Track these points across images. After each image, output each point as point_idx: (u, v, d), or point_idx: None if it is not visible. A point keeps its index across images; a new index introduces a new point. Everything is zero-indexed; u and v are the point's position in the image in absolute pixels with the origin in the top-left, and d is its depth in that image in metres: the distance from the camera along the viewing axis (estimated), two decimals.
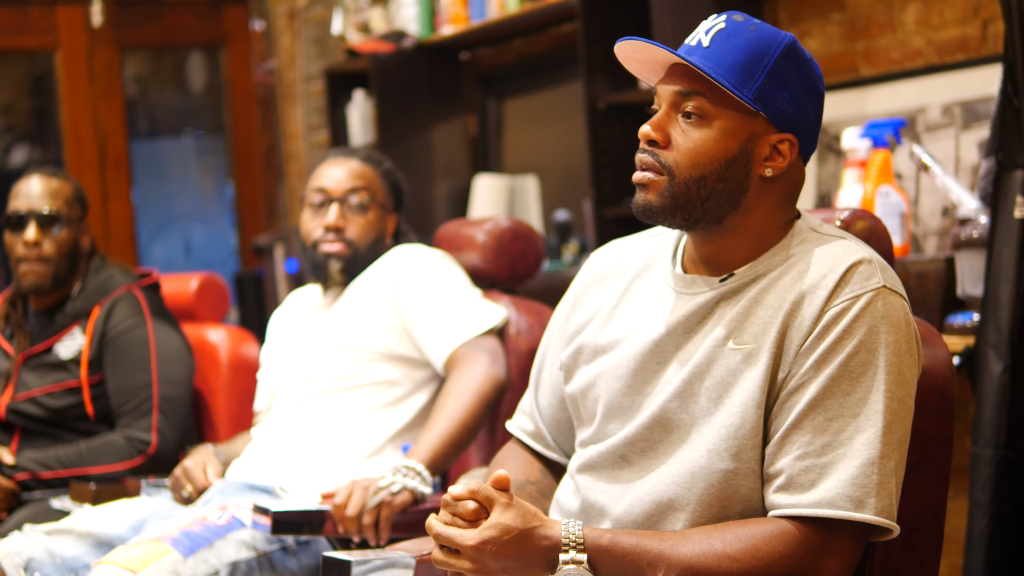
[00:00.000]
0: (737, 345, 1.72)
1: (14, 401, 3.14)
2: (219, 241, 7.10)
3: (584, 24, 4.23)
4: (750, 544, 1.65)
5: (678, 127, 1.74)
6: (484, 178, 5.05)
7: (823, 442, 1.66)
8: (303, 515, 2.42)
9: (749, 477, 1.71)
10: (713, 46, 1.73)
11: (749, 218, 1.76)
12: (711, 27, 1.75)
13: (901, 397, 1.68)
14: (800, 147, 1.76)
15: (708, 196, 1.74)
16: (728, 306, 1.75)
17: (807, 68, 1.75)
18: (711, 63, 1.72)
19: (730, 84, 1.70)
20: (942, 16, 3.41)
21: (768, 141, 1.74)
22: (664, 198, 1.74)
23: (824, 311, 1.68)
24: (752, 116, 1.73)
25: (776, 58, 1.72)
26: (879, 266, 1.71)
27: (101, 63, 6.52)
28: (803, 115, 1.75)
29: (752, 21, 1.75)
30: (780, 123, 1.74)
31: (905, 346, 1.69)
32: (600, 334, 1.88)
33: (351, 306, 2.78)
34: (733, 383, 1.72)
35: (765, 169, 1.74)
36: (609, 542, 1.67)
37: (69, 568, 2.58)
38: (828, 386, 1.67)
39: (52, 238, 3.15)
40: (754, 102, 1.71)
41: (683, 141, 1.74)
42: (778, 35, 1.74)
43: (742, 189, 1.74)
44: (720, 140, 1.73)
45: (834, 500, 1.64)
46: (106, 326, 3.14)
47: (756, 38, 1.73)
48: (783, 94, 1.72)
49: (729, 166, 1.73)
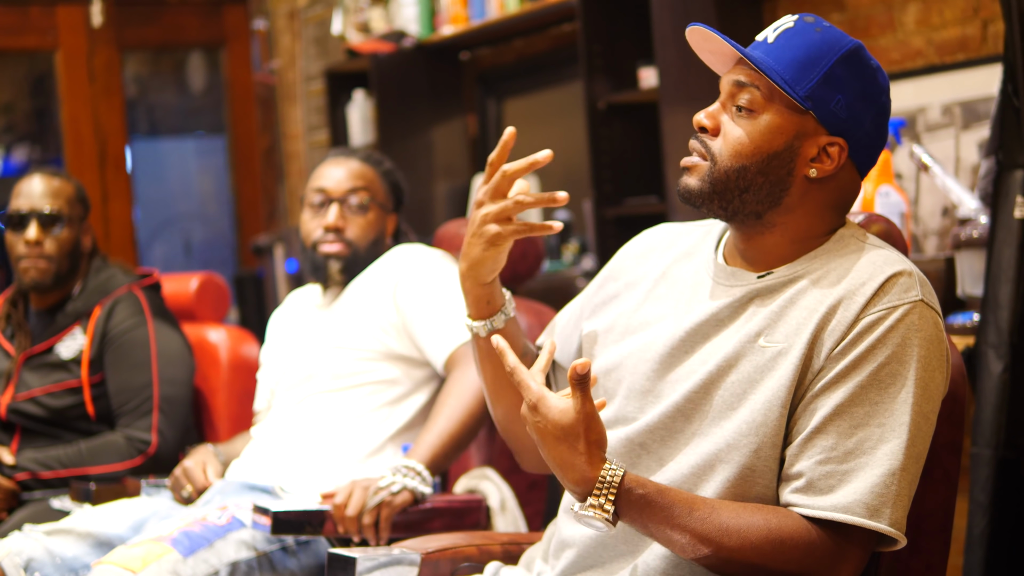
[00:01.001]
0: (768, 343, 1.72)
1: (15, 401, 3.14)
2: (219, 241, 7.10)
3: (584, 24, 4.23)
4: (775, 536, 1.66)
5: (729, 117, 1.76)
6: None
7: (846, 448, 1.66)
8: (303, 515, 2.42)
9: (765, 475, 1.71)
10: (777, 43, 1.74)
11: (790, 217, 1.76)
12: (780, 25, 1.77)
13: (926, 412, 1.68)
14: (852, 153, 1.75)
15: (747, 187, 1.74)
16: (763, 303, 1.75)
17: (870, 76, 1.75)
18: (771, 59, 1.73)
19: (783, 80, 1.72)
20: (942, 16, 3.41)
21: (817, 142, 1.74)
22: (703, 182, 1.76)
23: (860, 318, 1.68)
24: (802, 115, 1.73)
25: (835, 60, 1.72)
26: (919, 280, 1.71)
27: (101, 63, 6.52)
28: (857, 121, 1.74)
29: (821, 23, 1.76)
30: (832, 126, 1.73)
31: (936, 362, 1.69)
32: (634, 314, 1.88)
33: (351, 305, 2.78)
34: (759, 380, 1.72)
35: (810, 170, 1.74)
36: (639, 498, 1.65)
37: (69, 568, 2.58)
38: (856, 393, 1.67)
39: (53, 237, 3.15)
40: (805, 100, 1.72)
41: (730, 130, 1.75)
42: (843, 39, 1.75)
43: (784, 186, 1.75)
44: (765, 134, 1.73)
45: (850, 506, 1.64)
46: (107, 326, 3.14)
47: (820, 39, 1.74)
48: (837, 97, 1.72)
49: (772, 160, 1.74)
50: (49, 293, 3.20)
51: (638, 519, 1.66)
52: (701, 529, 1.66)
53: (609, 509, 1.64)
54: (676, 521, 1.66)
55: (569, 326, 2.00)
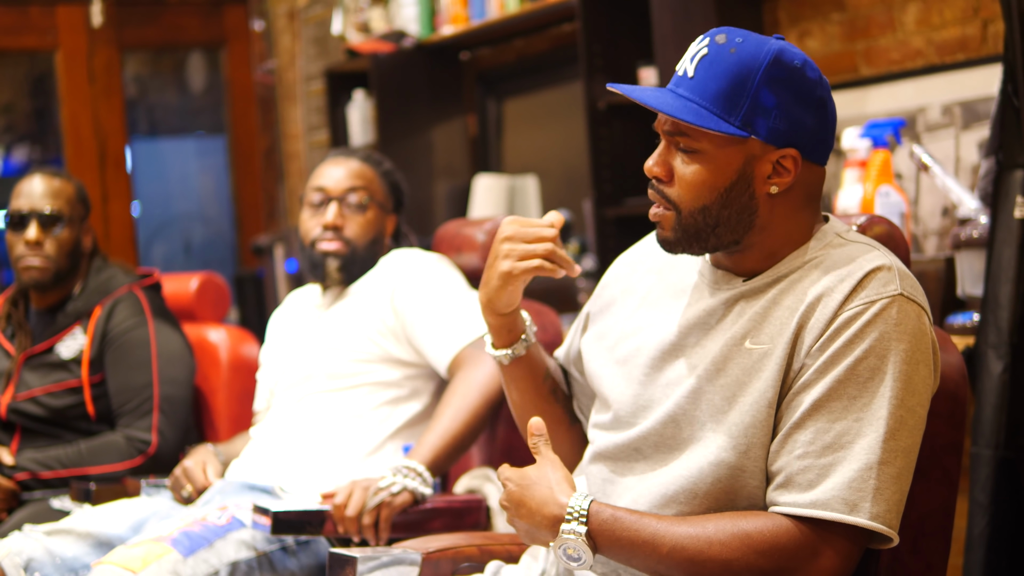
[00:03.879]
0: (753, 344, 1.73)
1: (15, 400, 3.14)
2: (219, 241, 7.10)
3: (584, 24, 4.23)
4: (742, 532, 1.67)
5: (678, 160, 1.75)
6: (484, 178, 5.05)
7: (824, 443, 1.66)
8: (303, 515, 2.42)
9: (756, 475, 1.71)
10: (697, 76, 1.72)
11: (766, 234, 1.76)
12: (695, 53, 1.74)
13: (911, 405, 1.67)
14: (806, 155, 1.74)
15: (716, 223, 1.74)
16: (748, 305, 1.76)
17: (798, 78, 1.72)
18: (696, 95, 1.71)
19: (714, 115, 1.70)
20: (942, 16, 3.41)
21: (768, 159, 1.73)
22: (676, 232, 1.76)
23: (838, 313, 1.68)
24: (745, 141, 1.72)
25: (758, 82, 1.70)
26: (899, 274, 1.71)
27: (101, 63, 6.52)
28: (800, 125, 1.73)
29: (734, 40, 1.73)
30: (776, 140, 1.72)
31: (919, 355, 1.69)
32: (628, 321, 1.89)
33: (349, 310, 2.78)
34: (747, 382, 1.72)
35: (770, 187, 1.74)
36: (610, 516, 1.71)
37: (69, 568, 2.58)
38: (834, 388, 1.67)
39: (53, 238, 3.14)
40: (742, 129, 1.70)
41: (684, 174, 1.74)
42: (759, 54, 1.71)
43: (750, 210, 1.74)
44: (715, 171, 1.73)
45: (828, 502, 1.64)
46: (107, 326, 3.14)
47: (736, 62, 1.71)
48: (773, 113, 1.71)
49: (730, 192, 1.73)
50: (49, 293, 3.20)
51: (612, 538, 1.70)
52: (669, 535, 1.68)
53: (581, 531, 1.69)
54: (645, 533, 1.69)
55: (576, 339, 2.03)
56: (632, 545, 1.70)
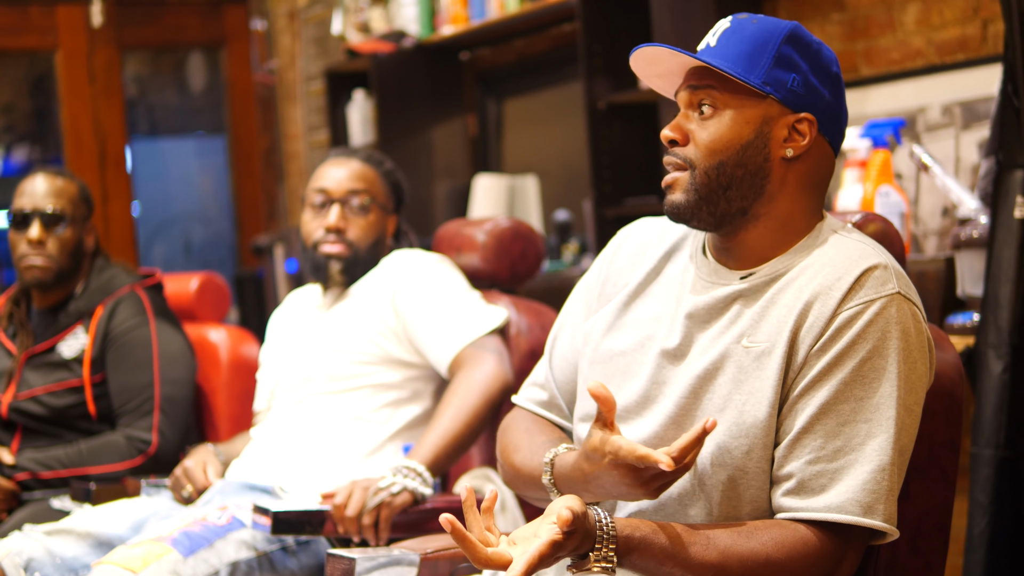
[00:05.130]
0: (750, 343, 1.73)
1: (16, 400, 3.14)
2: (219, 241, 7.10)
3: (584, 24, 4.23)
4: (776, 552, 1.65)
5: (695, 124, 1.78)
6: (484, 178, 5.05)
7: (835, 447, 1.66)
8: (303, 515, 2.42)
9: (759, 477, 1.71)
10: (719, 44, 1.78)
11: (773, 205, 1.77)
12: (717, 29, 1.80)
13: (909, 405, 1.68)
14: (821, 126, 1.77)
15: (729, 184, 1.76)
16: (746, 304, 1.76)
17: (816, 51, 1.78)
18: (718, 58, 1.76)
19: (736, 72, 1.74)
20: (942, 16, 3.41)
21: (785, 122, 1.76)
22: (688, 192, 1.77)
23: (837, 313, 1.68)
24: (763, 100, 1.75)
25: (780, 43, 1.76)
26: (895, 273, 1.71)
27: (101, 63, 6.52)
28: (817, 94, 1.77)
29: (754, 16, 1.80)
30: (794, 104, 1.76)
31: (917, 353, 1.69)
32: (629, 316, 1.87)
33: (350, 310, 2.78)
34: (745, 381, 1.72)
35: (786, 150, 1.76)
36: (639, 541, 1.64)
37: (69, 568, 2.58)
38: (840, 390, 1.67)
39: (56, 237, 3.15)
40: (763, 86, 1.75)
41: (700, 134, 1.77)
42: (780, 23, 1.78)
43: (763, 173, 1.76)
44: (733, 127, 1.76)
45: (844, 505, 1.65)
46: (109, 325, 3.14)
47: (759, 28, 1.77)
48: (792, 76, 1.75)
49: (746, 150, 1.75)
50: (51, 292, 3.20)
51: (639, 563, 1.65)
52: (702, 559, 1.65)
53: (613, 559, 1.62)
54: (677, 558, 1.64)
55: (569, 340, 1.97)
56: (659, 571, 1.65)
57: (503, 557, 1.58)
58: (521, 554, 1.57)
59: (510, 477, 1.94)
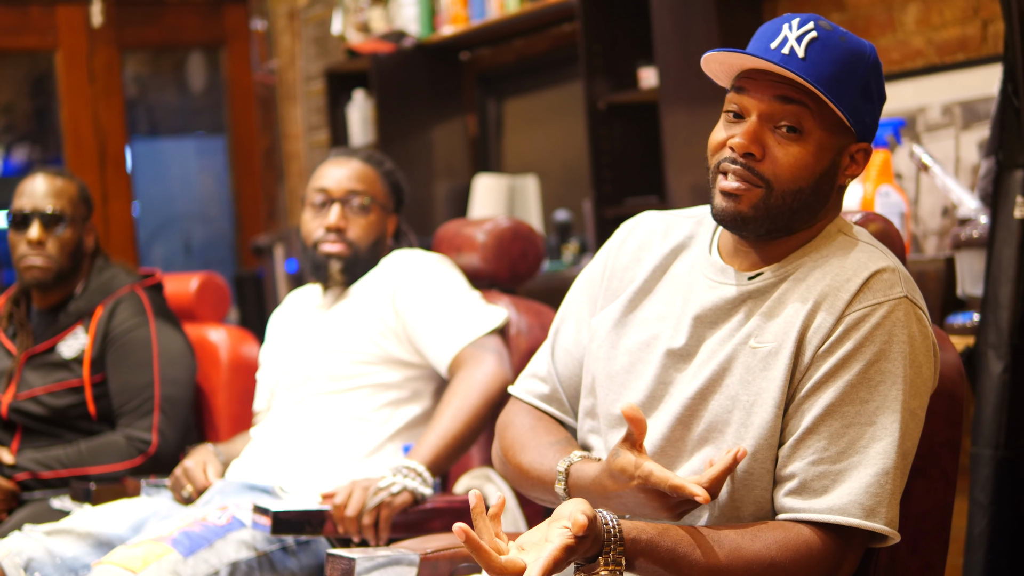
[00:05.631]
0: (758, 343, 1.72)
1: (16, 400, 3.14)
2: (219, 241, 7.10)
3: (584, 24, 4.23)
4: (780, 554, 1.65)
5: (772, 139, 1.71)
6: (484, 178, 5.05)
7: (839, 449, 1.66)
8: (303, 515, 2.41)
9: (763, 478, 1.71)
10: (810, 57, 1.69)
11: (817, 221, 1.77)
12: (802, 35, 1.71)
13: (914, 409, 1.68)
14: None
15: (800, 207, 1.73)
16: (754, 304, 1.75)
17: (883, 79, 1.77)
18: (812, 77, 1.68)
19: (834, 100, 1.69)
20: (942, 16, 3.41)
21: (850, 151, 1.75)
22: (758, 210, 1.72)
23: (844, 315, 1.68)
24: (844, 130, 1.72)
25: (866, 72, 1.72)
26: (902, 276, 1.71)
27: (101, 63, 6.52)
28: (876, 123, 1.77)
29: (839, 30, 1.73)
30: (862, 133, 1.74)
31: (923, 357, 1.70)
32: (636, 313, 1.86)
33: (350, 310, 2.78)
34: (752, 382, 1.72)
35: (846, 179, 1.76)
36: (647, 544, 1.63)
37: (69, 568, 2.58)
38: (846, 392, 1.67)
39: (56, 237, 3.15)
40: (850, 117, 1.71)
41: (782, 155, 1.71)
42: (865, 47, 1.73)
43: (828, 198, 1.76)
44: (816, 154, 1.71)
45: (846, 507, 1.65)
46: (109, 326, 3.14)
47: (848, 51, 1.71)
48: (868, 107, 1.73)
49: (822, 178, 1.73)
50: (51, 292, 3.20)
51: (644, 566, 1.64)
52: (707, 562, 1.64)
53: (622, 563, 1.61)
54: (682, 561, 1.63)
55: (573, 333, 1.96)
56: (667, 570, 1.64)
57: (517, 565, 1.57)
58: (535, 560, 1.56)
59: (515, 477, 1.93)
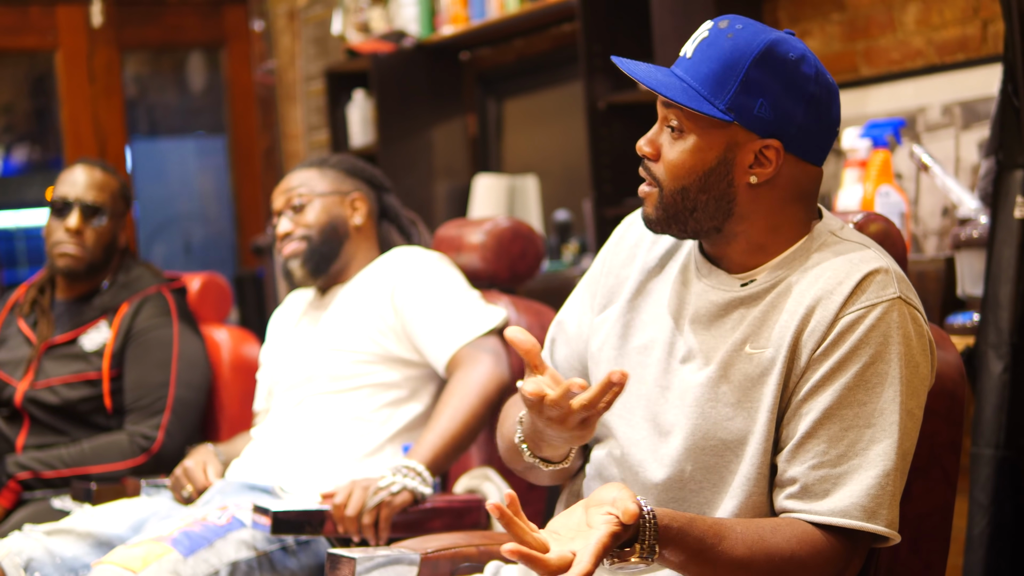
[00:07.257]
0: (753, 349, 1.72)
1: (33, 388, 3.14)
2: (219, 241, 7.10)
3: (584, 24, 4.23)
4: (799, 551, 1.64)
5: (666, 139, 1.76)
6: (484, 178, 5.05)
7: (838, 452, 1.66)
8: (303, 515, 2.42)
9: (760, 482, 1.71)
10: (694, 57, 1.73)
11: (748, 224, 1.75)
12: (698, 36, 1.75)
13: (911, 409, 1.68)
14: (790, 149, 1.72)
15: (693, 207, 1.74)
16: (748, 310, 1.74)
17: (790, 71, 1.71)
18: (689, 75, 1.72)
19: (702, 96, 1.70)
20: (942, 16, 3.41)
21: (751, 148, 1.72)
22: (657, 210, 1.76)
23: (838, 318, 1.67)
24: (728, 127, 1.71)
25: (748, 66, 1.69)
26: (896, 276, 1.70)
27: (101, 63, 6.52)
28: (787, 118, 1.71)
29: (734, 26, 1.73)
30: (761, 129, 1.71)
31: (919, 357, 1.69)
32: (631, 316, 1.85)
33: (348, 308, 2.78)
34: (749, 388, 1.71)
35: (750, 176, 1.72)
36: (677, 533, 1.59)
37: (69, 568, 2.58)
38: (844, 395, 1.66)
39: (93, 228, 3.17)
40: (726, 113, 1.70)
41: (667, 154, 1.75)
42: (754, 40, 1.71)
43: (728, 197, 1.73)
44: (696, 153, 1.72)
45: (847, 510, 1.64)
46: (133, 322, 3.16)
47: (731, 47, 1.71)
48: (759, 101, 1.70)
49: (708, 177, 1.73)
50: (79, 283, 3.22)
51: (673, 555, 1.60)
52: (731, 554, 1.62)
53: (656, 550, 1.57)
54: (708, 552, 1.61)
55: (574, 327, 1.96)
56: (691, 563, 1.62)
57: (566, 558, 1.52)
58: (584, 548, 1.51)
59: (502, 451, 1.95)
